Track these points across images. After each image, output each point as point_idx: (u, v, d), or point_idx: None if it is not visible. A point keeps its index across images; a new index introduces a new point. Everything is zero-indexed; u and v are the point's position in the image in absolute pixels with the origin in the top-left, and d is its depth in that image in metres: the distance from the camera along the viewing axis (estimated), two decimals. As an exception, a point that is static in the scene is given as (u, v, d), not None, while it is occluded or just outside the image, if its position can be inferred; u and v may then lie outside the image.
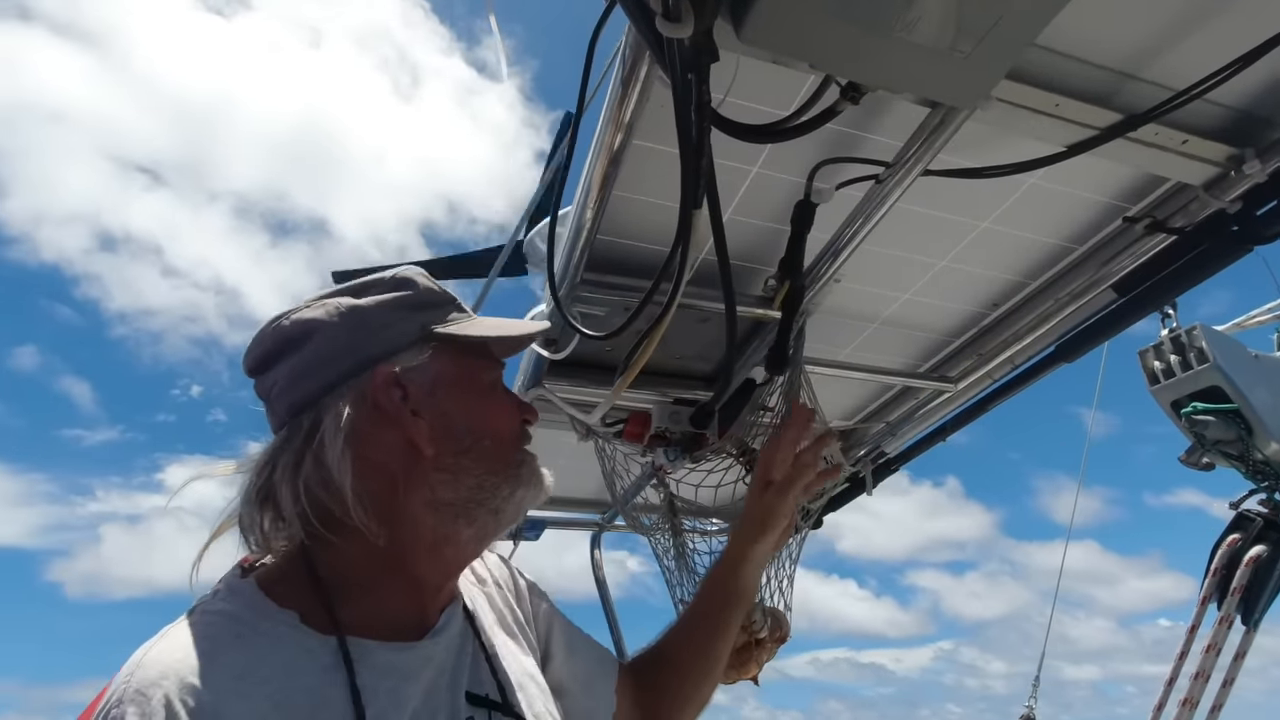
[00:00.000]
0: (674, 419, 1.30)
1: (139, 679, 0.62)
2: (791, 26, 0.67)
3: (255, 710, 0.63)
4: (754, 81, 0.91)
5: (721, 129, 0.77)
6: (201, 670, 0.63)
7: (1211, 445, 1.35)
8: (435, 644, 0.76)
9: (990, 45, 0.70)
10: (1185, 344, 1.39)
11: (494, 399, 0.83)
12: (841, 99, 0.78)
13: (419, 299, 0.81)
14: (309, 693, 0.66)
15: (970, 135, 0.97)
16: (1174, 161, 1.03)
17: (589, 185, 1.01)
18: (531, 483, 0.82)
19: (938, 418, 1.74)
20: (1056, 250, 1.33)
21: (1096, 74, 0.94)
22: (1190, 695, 1.37)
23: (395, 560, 0.75)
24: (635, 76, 0.81)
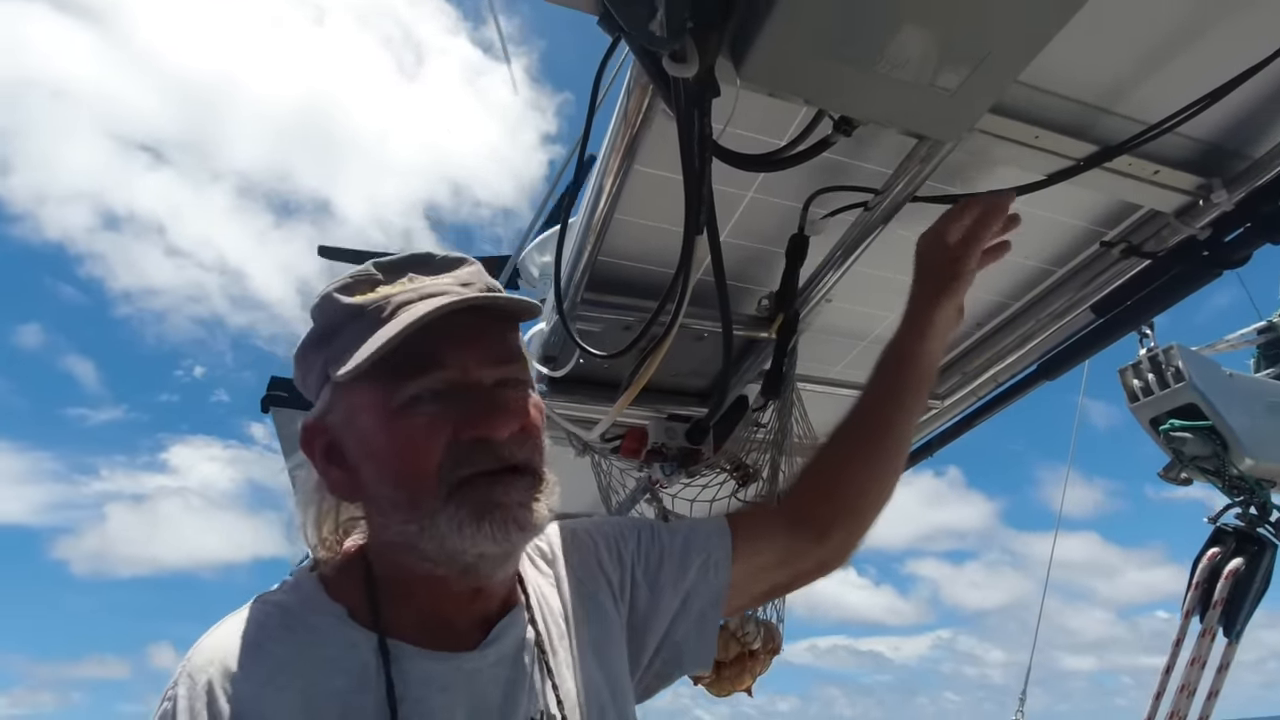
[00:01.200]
0: (670, 435, 1.34)
1: (192, 663, 0.67)
2: (787, 65, 0.71)
3: (288, 702, 0.66)
4: (751, 112, 0.96)
5: (722, 159, 0.82)
6: (245, 660, 0.67)
7: (1189, 461, 1.40)
8: (483, 657, 0.73)
9: (973, 83, 0.75)
10: (1162, 363, 1.44)
11: (395, 429, 0.69)
12: (835, 132, 0.82)
13: (323, 330, 0.73)
14: (339, 694, 0.67)
15: (956, 163, 1.03)
16: (1147, 190, 1.08)
17: (592, 208, 1.05)
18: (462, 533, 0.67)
19: (924, 434, 1.78)
20: (1037, 273, 1.38)
21: (1073, 108, 0.99)
22: (1177, 708, 1.41)
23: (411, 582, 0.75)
24: (639, 108, 0.85)
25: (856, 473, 0.97)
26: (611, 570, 0.88)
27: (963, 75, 0.73)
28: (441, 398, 0.69)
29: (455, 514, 0.67)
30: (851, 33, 0.68)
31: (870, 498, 0.97)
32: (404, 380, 0.68)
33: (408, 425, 0.68)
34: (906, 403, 0.99)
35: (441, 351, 0.69)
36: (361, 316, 0.70)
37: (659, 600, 0.88)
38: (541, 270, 2.87)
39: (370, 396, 0.70)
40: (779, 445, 1.34)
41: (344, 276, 0.75)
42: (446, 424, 0.68)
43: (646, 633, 0.88)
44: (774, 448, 1.35)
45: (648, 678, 0.89)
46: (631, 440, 1.37)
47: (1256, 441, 1.37)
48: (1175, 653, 1.50)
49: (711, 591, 0.90)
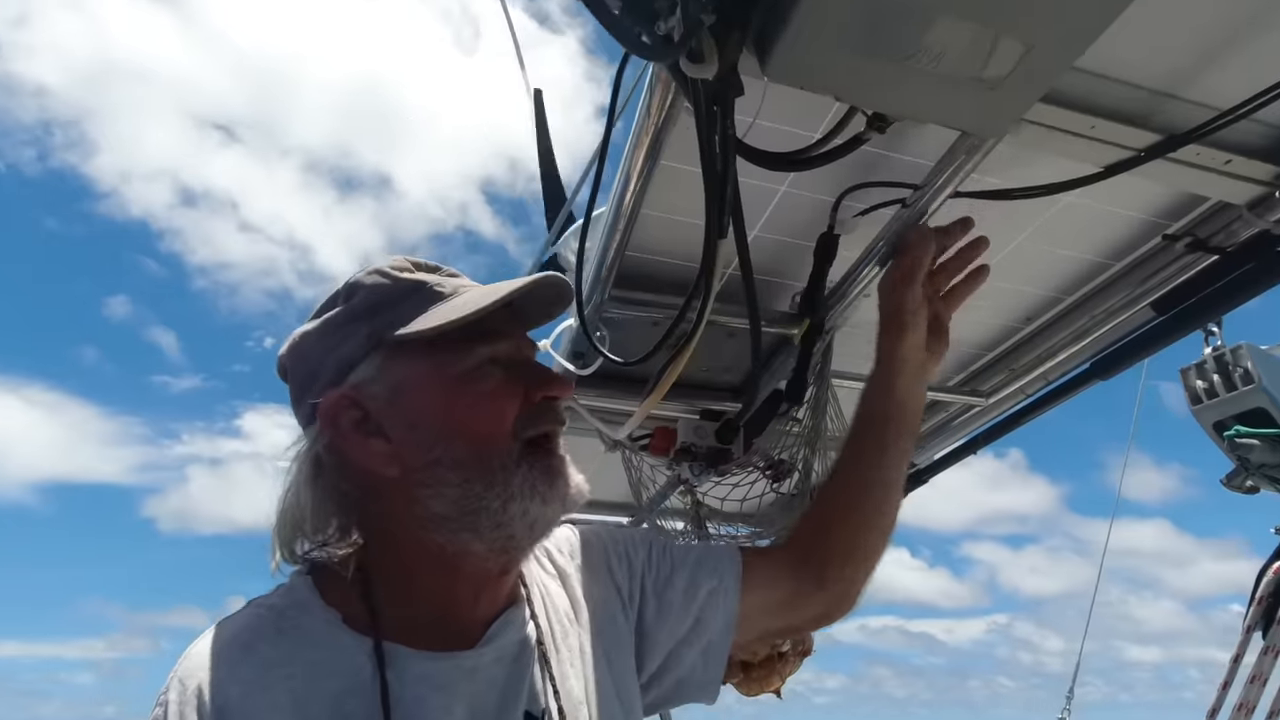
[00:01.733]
0: (699, 434, 1.31)
1: (183, 668, 0.68)
2: (815, 61, 0.67)
3: (274, 702, 0.66)
4: (782, 104, 0.91)
5: (747, 158, 0.78)
6: (236, 662, 0.68)
7: (1256, 469, 1.31)
8: (481, 655, 0.73)
9: (1020, 75, 0.69)
10: (1229, 364, 1.34)
11: (468, 391, 0.71)
12: (868, 129, 0.78)
13: (369, 303, 0.74)
14: (332, 698, 0.67)
15: (1003, 155, 0.96)
16: (1216, 181, 1.00)
17: (617, 203, 1.03)
18: (534, 493, 0.71)
19: (967, 431, 1.71)
20: (1093, 266, 1.30)
21: (1134, 94, 0.92)
22: (1231, 726, 1.34)
23: (419, 573, 0.75)
24: (663, 103, 0.82)
25: (847, 523, 0.95)
26: (621, 577, 0.87)
27: (1008, 67, 0.68)
28: (506, 365, 0.74)
29: (529, 474, 0.71)
30: (884, 25, 0.63)
31: (864, 547, 0.95)
32: (475, 346, 0.72)
33: (481, 387, 0.72)
34: (886, 454, 0.96)
35: (502, 325, 0.75)
36: (421, 291, 0.74)
37: (667, 616, 0.87)
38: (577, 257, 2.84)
39: (430, 363, 0.72)
40: (812, 444, 1.30)
41: (386, 259, 0.77)
42: (518, 386, 0.74)
43: (651, 648, 0.86)
44: (807, 446, 1.32)
45: (647, 698, 0.88)
46: (660, 439, 1.35)
47: (1332, 450, 1.27)
48: (1234, 669, 1.42)
49: (723, 620, 0.88)
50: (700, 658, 0.88)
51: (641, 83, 0.93)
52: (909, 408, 0.97)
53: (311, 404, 0.74)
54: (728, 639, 0.89)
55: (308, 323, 0.77)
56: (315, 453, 0.74)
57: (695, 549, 0.96)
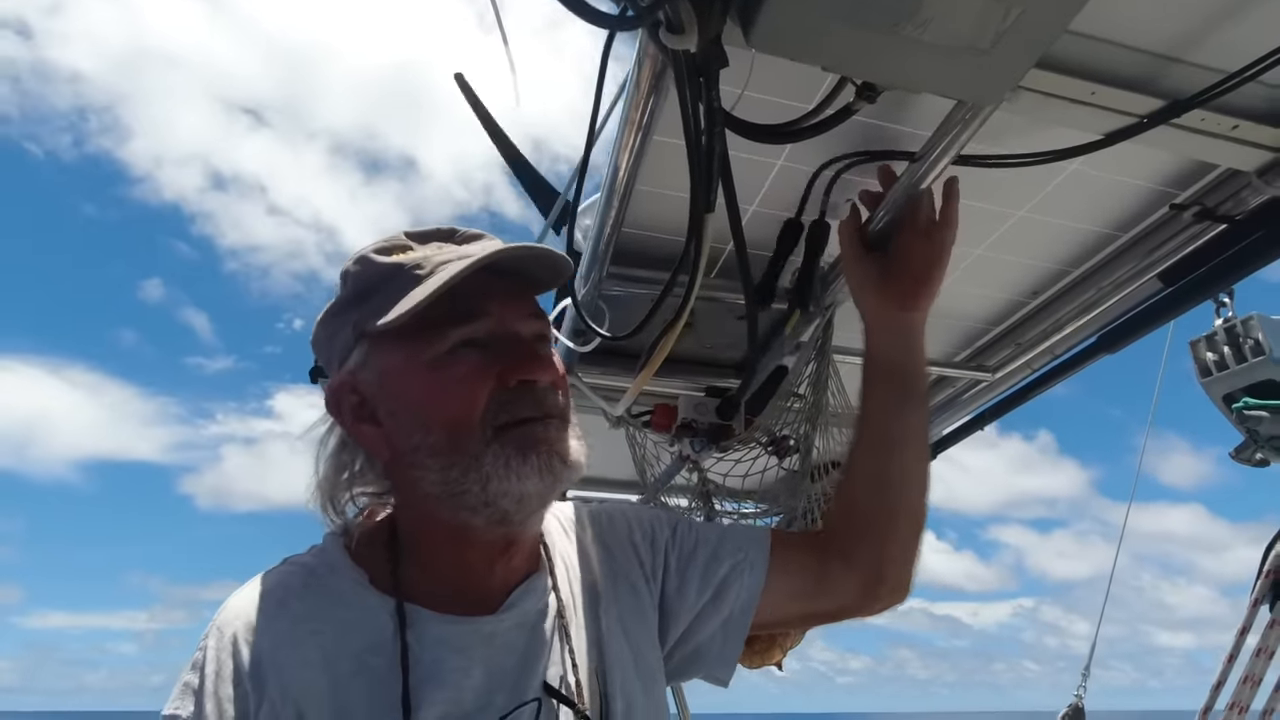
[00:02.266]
0: (700, 410, 1.32)
1: (221, 618, 0.73)
2: (800, 30, 0.66)
3: (304, 658, 0.70)
4: (774, 76, 0.90)
5: (735, 130, 0.77)
6: (268, 615, 0.72)
7: (1265, 441, 1.29)
8: (500, 621, 0.75)
9: (1010, 41, 0.68)
10: (1240, 335, 1.32)
11: (438, 377, 0.71)
12: (857, 99, 0.77)
13: (354, 291, 0.75)
14: (356, 654, 0.70)
15: (1002, 123, 0.94)
16: (1223, 148, 0.97)
17: (610, 181, 1.03)
18: (509, 471, 0.70)
19: (974, 407, 1.70)
20: (1099, 238, 1.28)
21: (1135, 59, 0.90)
22: (1238, 699, 1.33)
23: (433, 542, 0.77)
24: (651, 75, 0.81)
25: (872, 490, 0.93)
26: (645, 553, 0.88)
27: (996, 33, 0.67)
28: (483, 345, 0.72)
29: (501, 452, 0.70)
30: (869, -9, 0.63)
31: (892, 518, 0.93)
32: (446, 329, 0.71)
33: (451, 371, 0.71)
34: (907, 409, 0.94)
35: (482, 303, 0.72)
36: (399, 275, 0.72)
37: (686, 590, 0.87)
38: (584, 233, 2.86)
39: (407, 349, 0.72)
40: (813, 420, 1.30)
41: (377, 240, 0.78)
42: (492, 369, 0.71)
43: (673, 620, 0.88)
44: (808, 421, 1.32)
45: (665, 667, 0.88)
46: (661, 415, 1.36)
47: (1344, 421, 1.25)
48: (1240, 642, 1.42)
49: (745, 594, 0.88)
50: (720, 630, 0.88)
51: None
52: (923, 364, 0.97)
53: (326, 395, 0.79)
54: (748, 615, 0.88)
55: (324, 310, 0.81)
56: (339, 432, 0.80)
57: (723, 527, 0.96)
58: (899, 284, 0.94)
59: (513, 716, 0.71)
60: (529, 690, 0.73)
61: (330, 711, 0.68)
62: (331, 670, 0.70)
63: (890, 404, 0.95)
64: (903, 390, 0.95)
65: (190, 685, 0.69)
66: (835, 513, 0.98)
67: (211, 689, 0.68)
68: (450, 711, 0.69)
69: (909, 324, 0.95)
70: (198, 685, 0.69)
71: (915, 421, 0.95)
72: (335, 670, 0.70)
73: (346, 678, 0.69)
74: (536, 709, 0.72)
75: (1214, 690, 1.40)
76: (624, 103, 0.89)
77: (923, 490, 0.94)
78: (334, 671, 0.70)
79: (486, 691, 0.72)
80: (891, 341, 0.95)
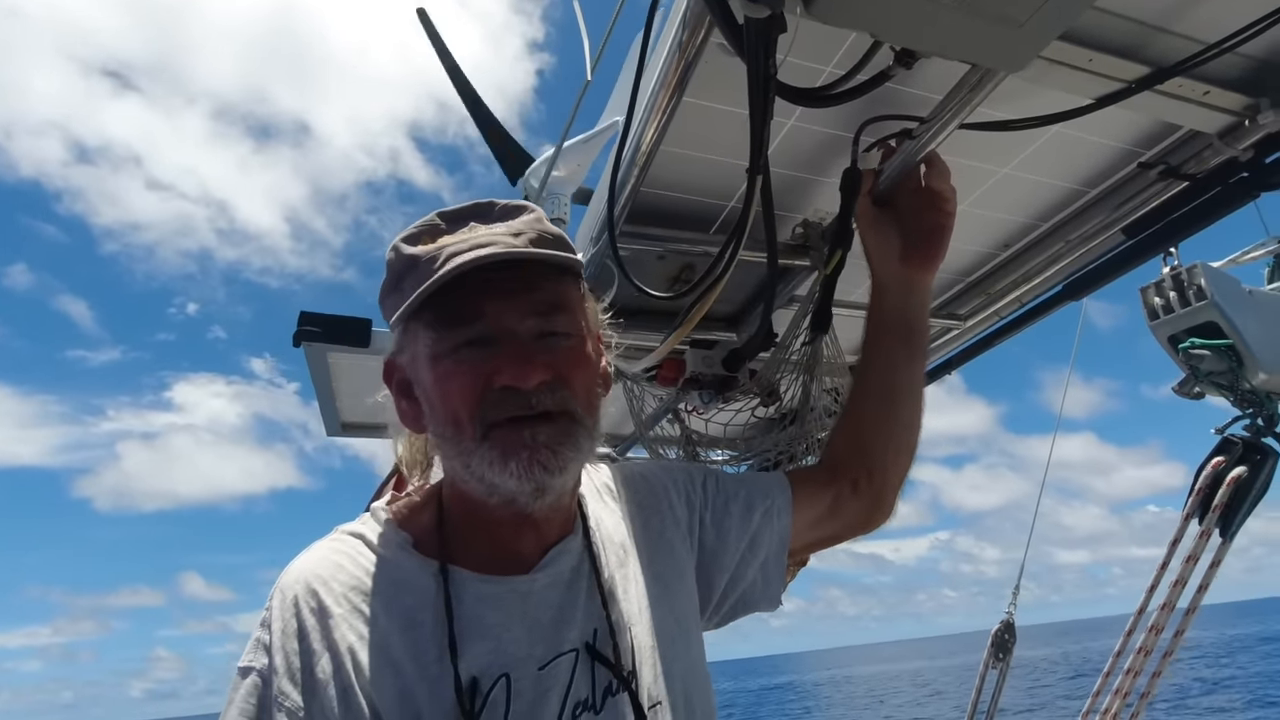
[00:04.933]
0: (706, 363, 1.37)
1: (284, 581, 0.78)
2: (857, 1, 0.69)
3: (357, 613, 0.75)
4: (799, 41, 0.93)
5: (782, 96, 0.80)
6: (323, 579, 0.77)
7: (1204, 376, 1.45)
8: (534, 581, 0.80)
9: (1045, 13, 0.73)
10: (1185, 282, 1.46)
11: (439, 374, 0.76)
12: (895, 64, 0.81)
13: (394, 277, 0.79)
14: (405, 611, 0.76)
15: (1003, 88, 1.01)
16: (1193, 112, 1.07)
17: (638, 140, 1.04)
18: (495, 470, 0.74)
19: (943, 353, 1.82)
20: (1070, 194, 1.37)
21: (1129, 28, 0.97)
22: (1169, 600, 1.52)
23: (469, 509, 0.81)
24: (695, 40, 0.83)
25: (880, 431, 1.06)
26: (681, 511, 0.95)
27: (1034, 6, 0.72)
28: (482, 345, 0.75)
29: (488, 453, 0.74)
30: (927, -36, 0.66)
31: (894, 451, 1.06)
32: (449, 328, 0.75)
33: (449, 371, 0.75)
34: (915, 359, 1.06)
35: (483, 303, 0.75)
36: (418, 266, 0.76)
37: (725, 542, 0.95)
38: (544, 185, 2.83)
39: (425, 341, 0.77)
40: (811, 370, 1.37)
41: (411, 226, 0.80)
42: (482, 372, 0.74)
43: (714, 573, 0.95)
44: (806, 372, 1.39)
45: (718, 616, 0.98)
46: (669, 370, 1.40)
47: (1272, 356, 1.42)
48: (1171, 551, 1.61)
49: (777, 537, 0.98)
50: (760, 573, 0.98)
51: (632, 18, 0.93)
52: (927, 320, 1.08)
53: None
54: (783, 554, 0.99)
55: None
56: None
57: (746, 478, 1.04)
58: (916, 248, 1.05)
59: (552, 665, 0.76)
60: (565, 643, 0.78)
61: (383, 663, 0.73)
62: (381, 625, 0.75)
63: (899, 357, 1.07)
64: (909, 344, 1.07)
65: (261, 641, 0.75)
66: (842, 449, 1.08)
67: (279, 644, 0.74)
68: (493, 662, 0.74)
69: (923, 284, 1.07)
70: (268, 641, 0.74)
71: (919, 371, 1.08)
72: (385, 625, 0.75)
73: (396, 632, 0.75)
74: (574, 659, 0.77)
75: (1149, 592, 1.59)
76: (663, 64, 0.90)
77: (919, 430, 1.08)
78: (383, 626, 0.75)
79: (527, 644, 0.76)
80: (905, 300, 1.06)
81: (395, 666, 0.72)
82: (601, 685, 0.77)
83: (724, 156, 1.14)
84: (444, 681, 0.71)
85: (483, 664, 0.74)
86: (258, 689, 0.72)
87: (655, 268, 1.35)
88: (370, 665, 0.72)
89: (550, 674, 0.75)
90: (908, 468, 1.07)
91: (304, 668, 0.72)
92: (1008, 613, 2.92)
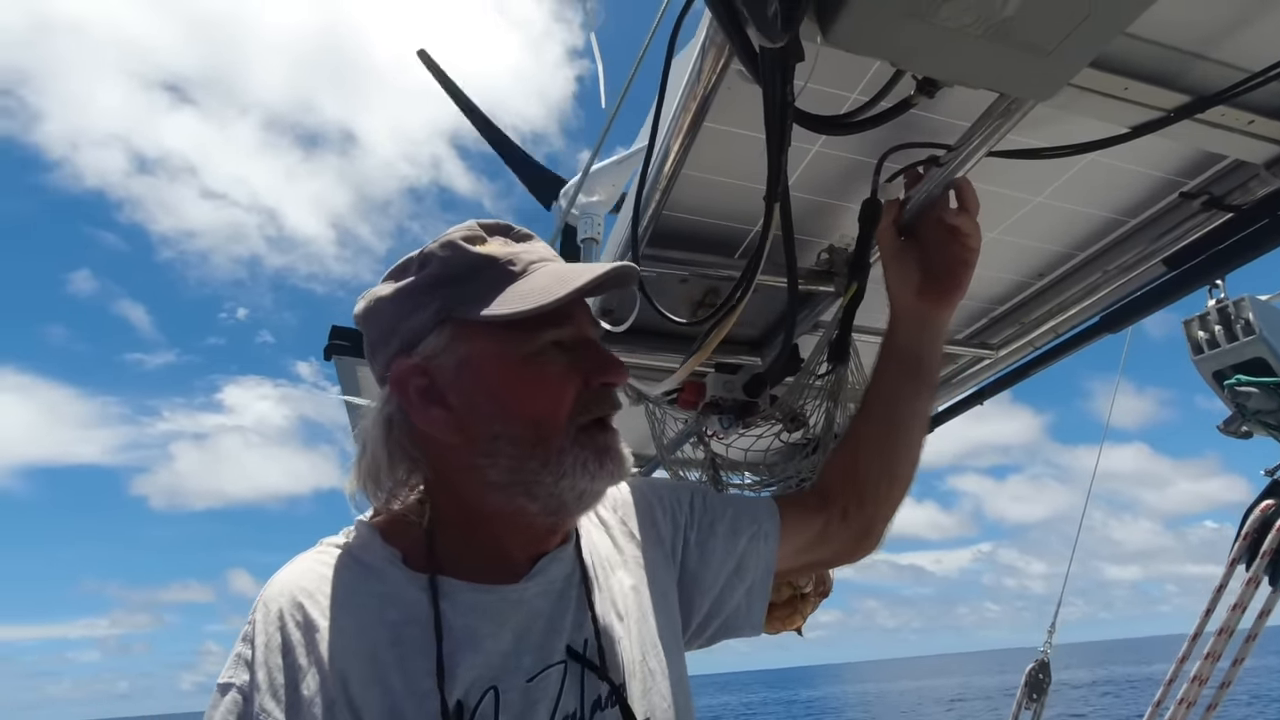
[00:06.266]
0: (728, 388, 1.36)
1: (267, 594, 0.77)
2: (877, 29, 0.69)
3: (344, 628, 0.73)
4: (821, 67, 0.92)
5: (801, 124, 0.80)
6: (310, 592, 0.75)
7: (1252, 415, 1.38)
8: (525, 589, 0.79)
9: (1074, 41, 0.72)
10: (1232, 315, 1.40)
11: (531, 374, 0.75)
12: (918, 93, 0.80)
13: (440, 275, 0.77)
14: (393, 625, 0.74)
15: (1035, 115, 0.98)
16: (1238, 141, 1.03)
17: (660, 164, 1.04)
18: (585, 471, 0.74)
19: (975, 383, 1.77)
20: (1108, 223, 1.33)
21: (1166, 55, 0.94)
22: (1214, 649, 1.44)
23: (475, 524, 0.80)
24: (715, 66, 0.83)
25: (875, 462, 1.04)
26: (665, 529, 0.94)
27: (1062, 34, 0.70)
28: (569, 349, 0.77)
29: (581, 454, 0.75)
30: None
31: (888, 484, 1.05)
32: (538, 329, 0.75)
33: (543, 371, 0.75)
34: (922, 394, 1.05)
35: (569, 307, 0.76)
36: (494, 267, 0.76)
37: (707, 564, 0.94)
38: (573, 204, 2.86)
39: (496, 343, 0.75)
40: (835, 396, 1.35)
41: (460, 228, 0.80)
42: (578, 372, 0.76)
43: (695, 594, 0.94)
44: (829, 398, 1.37)
45: (700, 638, 0.96)
46: (689, 393, 1.39)
47: (1325, 397, 1.35)
48: (1217, 598, 1.53)
49: (763, 562, 0.97)
50: (744, 598, 0.96)
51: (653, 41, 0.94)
52: (940, 357, 1.07)
53: (384, 369, 0.79)
54: (768, 580, 0.97)
55: (381, 285, 0.81)
56: (388, 413, 0.80)
57: (734, 500, 1.02)
58: (935, 283, 1.03)
59: (540, 677, 0.75)
60: (555, 653, 0.77)
61: (370, 678, 0.71)
62: (369, 640, 0.73)
63: (906, 390, 1.05)
64: (918, 379, 1.05)
65: (242, 656, 0.73)
66: (836, 475, 1.06)
67: (262, 659, 0.72)
68: (482, 675, 0.73)
69: (938, 320, 1.05)
70: (250, 656, 0.73)
71: (924, 406, 1.07)
72: (373, 640, 0.73)
73: (384, 647, 0.73)
74: (563, 671, 0.76)
75: (1192, 640, 1.51)
76: (683, 90, 0.91)
77: (917, 464, 1.07)
78: (371, 641, 0.73)
79: (515, 655, 0.75)
80: (920, 334, 1.05)
81: (383, 682, 0.71)
82: (590, 698, 0.76)
83: (747, 181, 1.14)
84: (432, 698, 0.70)
85: (471, 676, 0.73)
86: (238, 706, 0.70)
87: (679, 291, 1.35)
88: (357, 681, 0.71)
89: (539, 686, 0.74)
90: (900, 500, 1.06)
91: (288, 683, 0.70)
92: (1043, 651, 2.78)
